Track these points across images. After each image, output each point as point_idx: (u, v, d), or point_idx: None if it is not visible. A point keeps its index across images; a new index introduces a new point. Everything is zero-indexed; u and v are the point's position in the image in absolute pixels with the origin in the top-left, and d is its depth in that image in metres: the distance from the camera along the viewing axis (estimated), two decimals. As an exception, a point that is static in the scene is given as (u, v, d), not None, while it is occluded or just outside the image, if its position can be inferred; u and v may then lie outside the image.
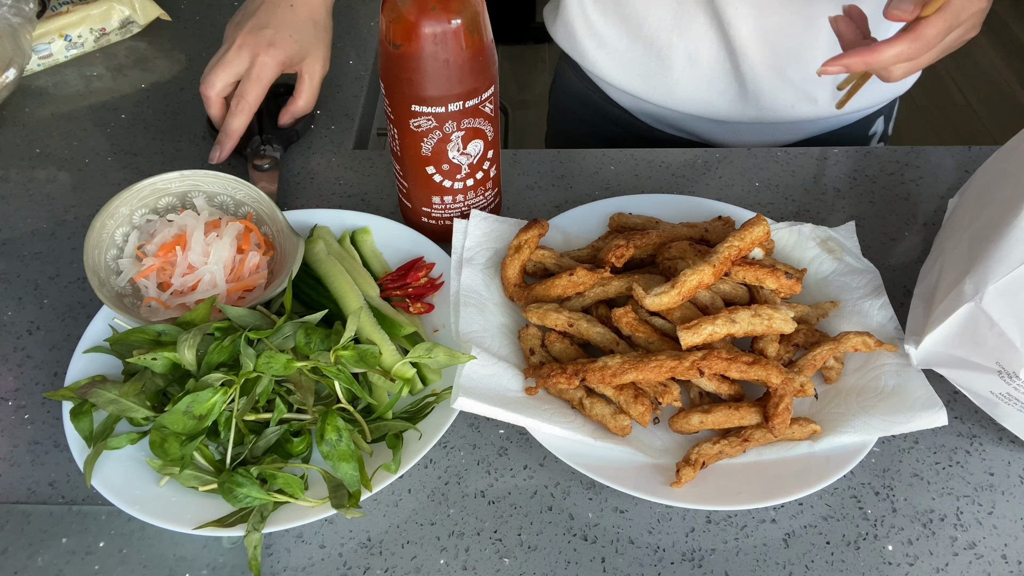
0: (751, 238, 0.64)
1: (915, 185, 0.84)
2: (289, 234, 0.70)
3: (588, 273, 0.66)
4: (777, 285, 0.65)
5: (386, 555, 0.58)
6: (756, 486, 0.58)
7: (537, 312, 0.65)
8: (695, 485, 0.58)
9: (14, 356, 0.71)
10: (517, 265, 0.69)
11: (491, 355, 0.63)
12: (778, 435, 0.59)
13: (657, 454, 0.61)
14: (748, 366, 0.59)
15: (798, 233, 0.73)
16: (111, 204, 0.70)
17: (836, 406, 0.62)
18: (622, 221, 0.74)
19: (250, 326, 0.62)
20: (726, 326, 0.60)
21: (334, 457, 0.56)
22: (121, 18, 1.03)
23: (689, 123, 0.98)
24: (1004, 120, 2.56)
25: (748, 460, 0.60)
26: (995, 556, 0.58)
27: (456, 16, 0.63)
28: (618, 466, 0.59)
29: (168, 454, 0.57)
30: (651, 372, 0.59)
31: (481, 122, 0.69)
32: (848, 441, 0.60)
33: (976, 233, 0.61)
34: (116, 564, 0.58)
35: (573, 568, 0.57)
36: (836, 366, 0.64)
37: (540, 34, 2.82)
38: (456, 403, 0.58)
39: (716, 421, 0.60)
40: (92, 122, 0.94)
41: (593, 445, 0.60)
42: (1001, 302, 0.56)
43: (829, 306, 0.68)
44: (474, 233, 0.72)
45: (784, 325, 0.62)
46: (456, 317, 0.66)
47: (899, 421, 0.59)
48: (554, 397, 0.64)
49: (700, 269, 0.62)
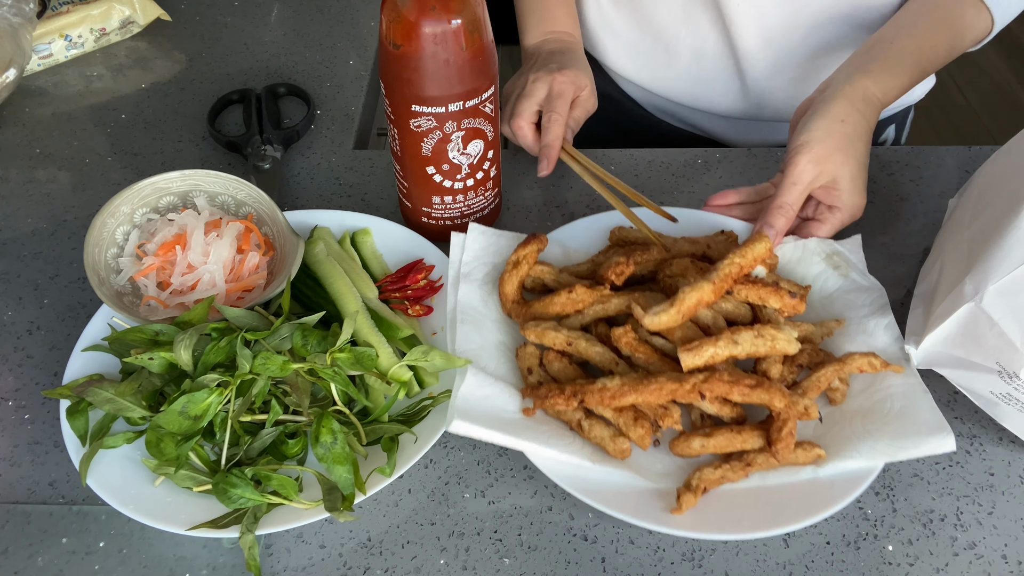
0: (753, 255, 0.63)
1: (915, 185, 0.84)
2: (289, 235, 0.70)
3: (587, 291, 0.65)
4: (781, 304, 0.63)
5: (386, 555, 0.58)
6: (759, 513, 0.56)
7: (535, 330, 0.64)
8: (696, 512, 0.56)
9: (14, 356, 0.71)
10: (515, 281, 0.67)
11: (488, 374, 0.62)
12: (782, 460, 0.58)
13: (657, 478, 0.59)
14: (751, 389, 0.58)
15: (803, 248, 0.71)
16: (112, 203, 0.70)
17: (841, 429, 0.60)
18: (622, 235, 0.73)
19: (247, 327, 0.62)
20: (728, 348, 0.59)
21: (329, 459, 0.56)
22: (121, 18, 1.03)
23: (695, 117, 0.99)
24: (1004, 120, 2.56)
25: (751, 485, 0.58)
26: (995, 556, 0.57)
27: (456, 16, 0.63)
28: (617, 491, 0.58)
29: (164, 454, 0.57)
30: (651, 395, 0.58)
31: (481, 122, 0.69)
32: (854, 467, 0.58)
33: (976, 233, 0.61)
34: (116, 564, 0.58)
35: (573, 568, 0.57)
36: (841, 387, 0.63)
37: (541, 34, 2.81)
38: (452, 427, 0.57)
39: (718, 445, 0.59)
40: (92, 122, 0.94)
41: (592, 469, 0.59)
42: (1001, 302, 0.56)
43: (834, 325, 0.66)
44: (472, 247, 0.71)
45: (788, 346, 0.60)
46: (452, 334, 0.65)
47: (906, 446, 0.57)
48: (552, 418, 0.62)
49: (700, 286, 0.60)
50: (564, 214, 0.81)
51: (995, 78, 2.72)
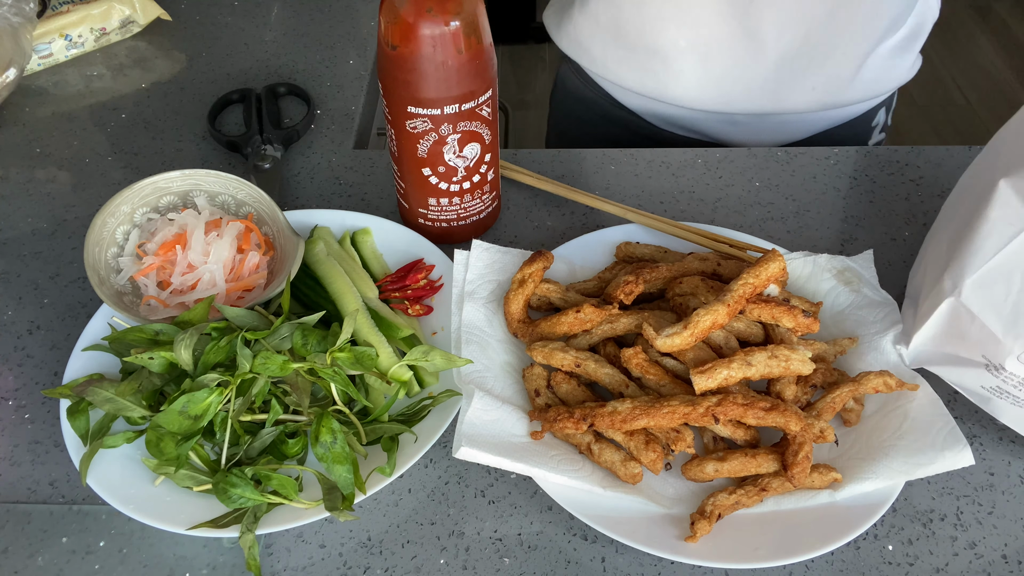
0: (766, 275, 0.62)
1: (915, 185, 0.84)
2: (289, 234, 0.70)
3: (596, 310, 0.63)
4: (794, 324, 0.62)
5: (386, 555, 0.58)
6: (775, 540, 0.55)
7: (543, 351, 0.63)
8: (710, 539, 0.55)
9: (14, 356, 0.71)
10: (521, 300, 0.66)
11: (494, 397, 0.60)
12: (798, 485, 0.57)
13: (670, 503, 0.58)
14: (765, 412, 0.57)
15: (813, 264, 0.70)
16: (112, 202, 0.70)
17: (857, 451, 0.60)
18: (629, 251, 0.72)
19: (247, 326, 0.62)
20: (742, 369, 0.58)
21: (328, 459, 0.56)
22: (121, 18, 1.03)
23: (699, 121, 0.98)
24: (1004, 120, 2.55)
25: (765, 510, 0.58)
26: (995, 556, 0.57)
27: (453, 18, 0.63)
28: (628, 517, 0.56)
29: (164, 454, 0.57)
30: (663, 418, 0.57)
31: (478, 125, 0.69)
32: (870, 488, 0.57)
33: (953, 232, 0.61)
34: (116, 564, 0.58)
35: (573, 568, 0.57)
36: (856, 408, 0.62)
37: (540, 34, 2.80)
38: (459, 453, 0.56)
39: (732, 469, 0.58)
40: (92, 122, 0.94)
41: (603, 495, 0.58)
42: (979, 294, 0.56)
43: (847, 343, 0.65)
44: (476, 265, 0.69)
45: (802, 366, 0.59)
46: (457, 355, 0.64)
47: (922, 463, 0.57)
48: (561, 441, 0.61)
49: (714, 309, 0.59)
50: (564, 214, 0.81)
51: (995, 78, 2.72)
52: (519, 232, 0.80)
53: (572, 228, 0.80)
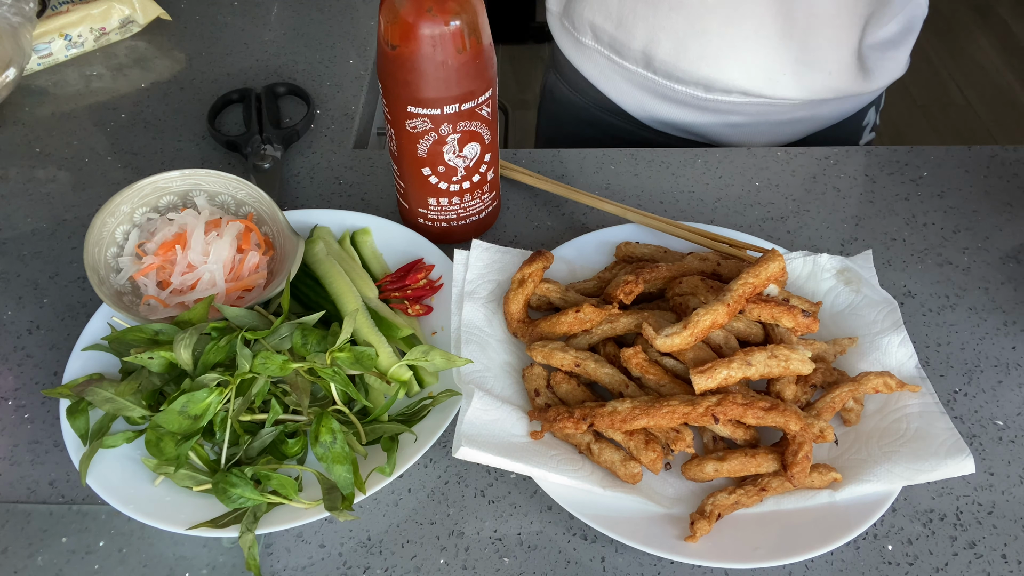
0: (766, 275, 0.62)
1: (915, 185, 0.84)
2: (289, 234, 0.70)
3: (595, 310, 0.63)
4: (794, 324, 0.62)
5: (386, 554, 0.58)
6: (774, 540, 0.55)
7: (542, 351, 0.63)
8: (710, 539, 0.55)
9: (14, 356, 0.71)
10: (521, 300, 0.66)
11: (494, 397, 0.60)
12: (797, 485, 0.57)
13: (669, 503, 0.58)
14: (765, 412, 0.57)
15: (813, 263, 0.70)
16: (112, 202, 0.70)
17: (857, 451, 0.60)
18: (629, 251, 0.72)
19: (247, 326, 0.62)
20: (742, 369, 0.58)
21: (328, 459, 0.56)
22: (121, 17, 1.03)
23: (693, 121, 0.97)
24: (1004, 120, 2.56)
25: (765, 510, 0.58)
26: (995, 556, 0.57)
27: (453, 18, 0.63)
28: (628, 517, 0.57)
29: (163, 453, 0.57)
30: (663, 418, 0.57)
31: (478, 125, 0.69)
32: (870, 490, 0.57)
33: None
34: (116, 563, 0.58)
35: (573, 568, 0.57)
36: (856, 408, 0.62)
37: (540, 34, 2.81)
38: (459, 453, 0.56)
39: (732, 469, 0.58)
40: (92, 122, 0.94)
41: (602, 495, 0.58)
42: None
43: (847, 343, 0.65)
44: (475, 265, 0.69)
45: (801, 366, 0.59)
46: (457, 354, 0.64)
47: (924, 469, 0.57)
48: (560, 441, 0.61)
49: (714, 309, 0.59)
50: (564, 214, 0.81)
51: (995, 78, 2.72)
52: (519, 232, 0.80)
53: (572, 228, 0.80)
